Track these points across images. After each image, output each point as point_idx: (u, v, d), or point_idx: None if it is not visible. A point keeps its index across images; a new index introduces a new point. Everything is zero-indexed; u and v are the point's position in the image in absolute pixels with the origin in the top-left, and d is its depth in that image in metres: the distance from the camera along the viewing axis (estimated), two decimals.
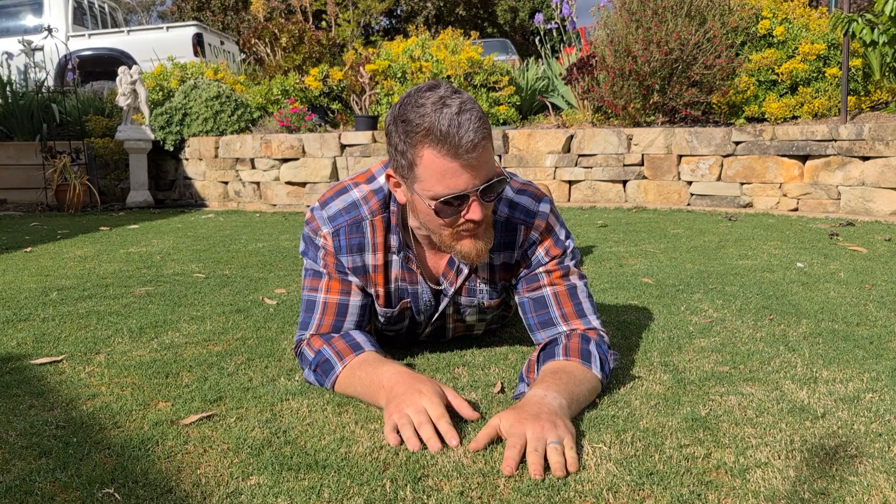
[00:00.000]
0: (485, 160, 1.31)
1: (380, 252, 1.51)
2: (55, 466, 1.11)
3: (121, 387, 1.49)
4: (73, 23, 9.93)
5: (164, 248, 3.68)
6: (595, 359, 1.39)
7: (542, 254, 1.51)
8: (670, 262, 2.95)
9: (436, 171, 1.30)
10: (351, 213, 1.51)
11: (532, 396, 1.25)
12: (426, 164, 1.30)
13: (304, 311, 1.55)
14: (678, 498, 0.99)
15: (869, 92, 5.32)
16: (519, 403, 1.23)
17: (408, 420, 1.20)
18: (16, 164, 6.67)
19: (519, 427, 1.14)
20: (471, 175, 1.30)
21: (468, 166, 1.29)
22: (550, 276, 1.51)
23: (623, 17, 5.48)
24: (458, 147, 1.27)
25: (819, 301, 2.19)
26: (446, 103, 1.28)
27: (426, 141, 1.28)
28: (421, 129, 1.28)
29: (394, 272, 1.54)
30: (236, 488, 1.04)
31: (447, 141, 1.27)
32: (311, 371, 1.48)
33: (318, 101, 6.62)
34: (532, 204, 1.52)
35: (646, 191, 5.38)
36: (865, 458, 1.10)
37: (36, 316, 2.14)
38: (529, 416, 1.16)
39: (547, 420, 1.15)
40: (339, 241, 1.50)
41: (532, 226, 1.50)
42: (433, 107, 1.28)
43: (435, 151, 1.28)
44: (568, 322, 1.49)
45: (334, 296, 1.52)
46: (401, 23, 21.16)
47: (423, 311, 1.62)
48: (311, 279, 1.55)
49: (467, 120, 1.27)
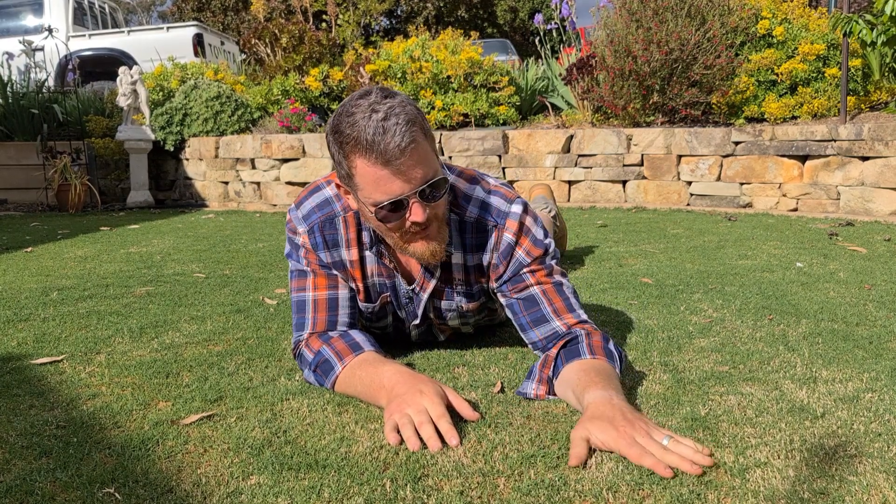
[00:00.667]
0: (418, 162, 1.31)
1: (354, 248, 1.53)
2: (55, 466, 1.11)
3: (121, 387, 1.49)
4: (73, 23, 9.93)
5: (164, 248, 3.68)
6: (616, 358, 1.40)
7: (522, 255, 1.51)
8: (670, 262, 2.95)
9: (370, 179, 1.32)
10: (324, 210, 1.52)
11: (600, 400, 1.21)
12: (360, 174, 1.32)
13: (296, 313, 1.55)
14: (678, 498, 0.99)
15: (868, 92, 5.33)
16: (593, 411, 1.18)
17: (408, 420, 1.20)
18: (16, 165, 6.67)
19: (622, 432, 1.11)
20: (403, 179, 1.31)
21: (399, 172, 1.30)
22: (535, 275, 1.51)
23: (623, 16, 5.48)
24: (386, 153, 1.28)
25: (819, 301, 2.19)
26: (375, 109, 1.29)
27: (356, 150, 1.30)
28: (350, 140, 1.30)
29: (370, 267, 1.55)
30: (237, 488, 1.04)
31: (374, 149, 1.28)
32: (310, 371, 1.47)
33: (319, 102, 6.62)
34: (503, 205, 1.51)
35: (645, 191, 5.38)
36: (865, 457, 1.10)
37: (36, 316, 2.15)
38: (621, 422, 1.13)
39: (638, 419, 1.15)
40: (315, 238, 1.52)
41: (504, 227, 1.50)
42: (362, 115, 1.29)
43: (365, 160, 1.30)
44: (560, 317, 1.49)
45: (322, 292, 1.52)
46: (401, 23, 21.16)
47: (403, 307, 1.62)
48: (297, 280, 1.56)
49: (394, 125, 1.28)
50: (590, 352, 1.38)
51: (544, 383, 1.39)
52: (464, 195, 1.52)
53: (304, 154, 6.00)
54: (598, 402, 1.21)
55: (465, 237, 1.52)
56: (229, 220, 5.11)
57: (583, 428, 1.15)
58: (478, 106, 6.11)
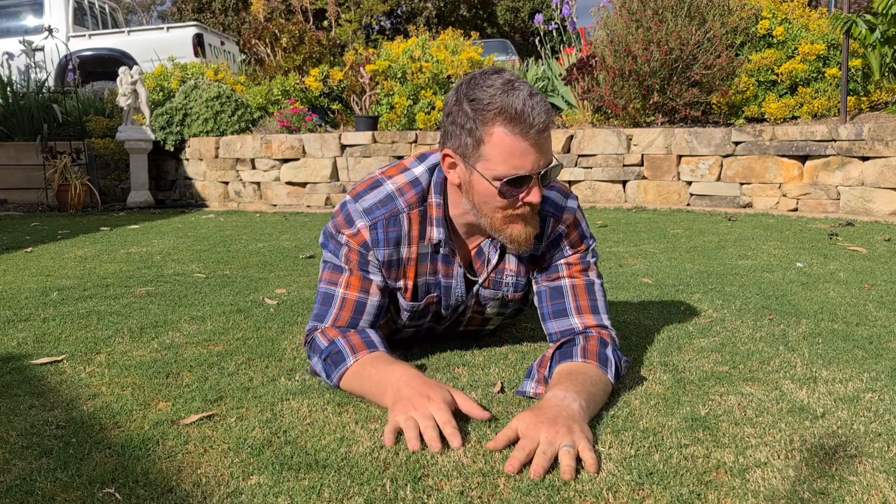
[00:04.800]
0: (549, 144, 1.36)
1: (414, 245, 1.51)
2: (55, 466, 1.11)
3: (121, 387, 1.49)
4: (73, 23, 9.93)
5: (164, 248, 3.68)
6: (611, 364, 1.39)
7: (566, 246, 1.53)
8: (670, 263, 2.95)
9: (506, 148, 1.33)
10: (388, 206, 1.49)
11: (552, 398, 1.24)
12: (496, 142, 1.33)
13: (320, 304, 1.52)
14: (678, 498, 0.99)
15: (868, 92, 5.33)
16: (538, 404, 1.23)
17: (413, 423, 1.19)
18: (16, 165, 6.67)
19: (534, 430, 1.13)
20: (537, 156, 1.34)
21: (537, 147, 1.33)
22: (570, 268, 1.52)
23: (623, 16, 5.48)
24: (531, 127, 1.31)
25: (819, 301, 2.19)
26: (515, 86, 1.33)
27: (499, 119, 1.32)
28: (493, 108, 1.32)
29: (424, 266, 1.54)
30: (237, 488, 1.04)
31: (521, 120, 1.31)
32: (319, 360, 1.45)
33: (319, 102, 6.62)
34: (561, 199, 1.54)
35: (645, 191, 5.38)
36: (865, 457, 1.10)
37: (36, 316, 2.15)
38: (546, 420, 1.15)
39: (563, 424, 1.14)
40: (377, 234, 1.48)
41: (560, 219, 1.52)
42: (502, 88, 1.32)
43: (507, 130, 1.32)
44: (581, 316, 1.49)
45: (353, 293, 1.50)
46: (401, 23, 21.16)
47: (451, 306, 1.61)
48: (330, 272, 1.53)
49: (538, 102, 1.32)
50: (582, 355, 1.39)
51: (542, 382, 1.39)
52: None
53: (304, 154, 6.00)
54: (549, 398, 1.24)
55: None
56: (229, 221, 5.11)
57: (518, 417, 1.19)
58: None
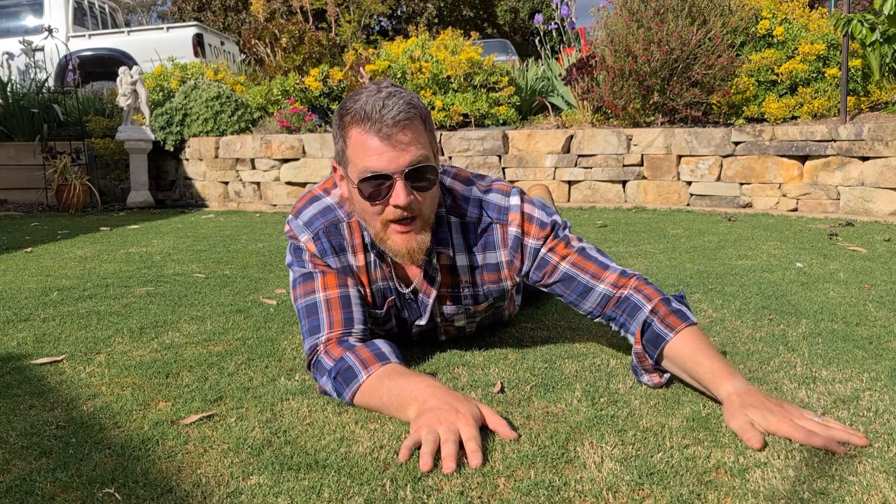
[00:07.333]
0: (411, 141, 1.34)
1: (360, 253, 1.51)
2: (55, 466, 1.11)
3: (121, 387, 1.49)
4: (73, 23, 9.93)
5: (164, 248, 3.68)
6: (686, 308, 1.43)
7: (533, 242, 1.51)
8: (670, 263, 2.95)
9: (361, 148, 1.34)
10: (327, 216, 1.51)
11: (742, 389, 1.25)
12: (353, 144, 1.36)
13: (306, 318, 1.46)
14: (678, 498, 0.99)
15: (868, 92, 5.32)
16: (742, 400, 1.23)
17: (434, 438, 1.12)
18: (16, 165, 6.67)
19: (777, 418, 1.17)
20: (394, 154, 1.33)
21: (389, 144, 1.32)
22: (556, 252, 1.51)
23: (623, 16, 5.48)
24: (381, 123, 1.32)
25: (818, 301, 2.19)
26: (381, 90, 1.35)
27: (353, 122, 1.35)
28: (350, 112, 1.35)
29: (374, 272, 1.54)
30: (236, 488, 1.04)
31: (370, 118, 1.32)
32: (329, 379, 1.37)
33: (319, 102, 6.62)
34: (502, 200, 1.52)
35: (645, 191, 5.38)
36: (865, 457, 1.10)
37: (36, 316, 2.15)
38: (774, 404, 1.21)
39: (782, 402, 1.23)
40: (322, 244, 1.49)
41: (507, 222, 1.51)
42: (368, 93, 1.35)
43: (360, 129, 1.34)
44: (601, 279, 1.49)
45: (334, 290, 1.47)
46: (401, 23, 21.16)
47: (405, 307, 1.61)
48: (303, 285, 1.50)
49: (394, 102, 1.32)
50: (670, 329, 1.38)
51: (654, 372, 1.42)
52: (462, 197, 1.52)
53: (304, 154, 6.00)
54: (741, 391, 1.25)
55: (469, 238, 1.52)
56: (229, 221, 5.11)
57: (742, 416, 1.19)
58: (478, 106, 6.11)
